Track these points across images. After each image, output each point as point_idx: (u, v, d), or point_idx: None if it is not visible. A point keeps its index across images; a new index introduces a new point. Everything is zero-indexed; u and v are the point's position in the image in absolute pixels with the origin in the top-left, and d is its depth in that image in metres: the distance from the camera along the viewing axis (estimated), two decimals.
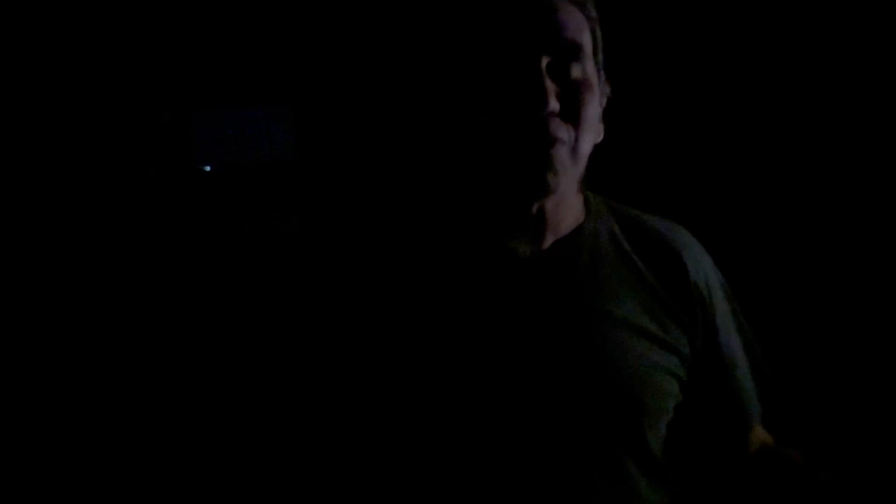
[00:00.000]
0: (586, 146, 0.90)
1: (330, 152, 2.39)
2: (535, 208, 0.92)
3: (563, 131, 0.86)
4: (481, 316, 0.91)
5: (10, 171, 2.33)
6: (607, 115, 0.97)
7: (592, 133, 0.91)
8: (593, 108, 0.90)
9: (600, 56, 0.95)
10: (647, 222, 1.02)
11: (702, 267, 1.00)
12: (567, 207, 0.96)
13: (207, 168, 2.50)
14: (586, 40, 0.90)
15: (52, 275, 2.32)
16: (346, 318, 0.97)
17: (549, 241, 0.95)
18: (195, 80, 2.44)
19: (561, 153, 0.87)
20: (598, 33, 0.94)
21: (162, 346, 2.30)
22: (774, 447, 1.05)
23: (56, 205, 2.37)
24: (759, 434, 1.06)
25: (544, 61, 0.85)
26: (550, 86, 0.84)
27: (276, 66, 2.41)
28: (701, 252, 1.02)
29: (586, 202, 1.01)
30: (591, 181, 1.00)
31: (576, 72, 0.88)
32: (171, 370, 2.27)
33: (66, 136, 2.37)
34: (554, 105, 0.85)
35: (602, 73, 0.95)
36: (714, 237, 1.04)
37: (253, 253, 2.47)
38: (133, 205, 2.43)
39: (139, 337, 2.31)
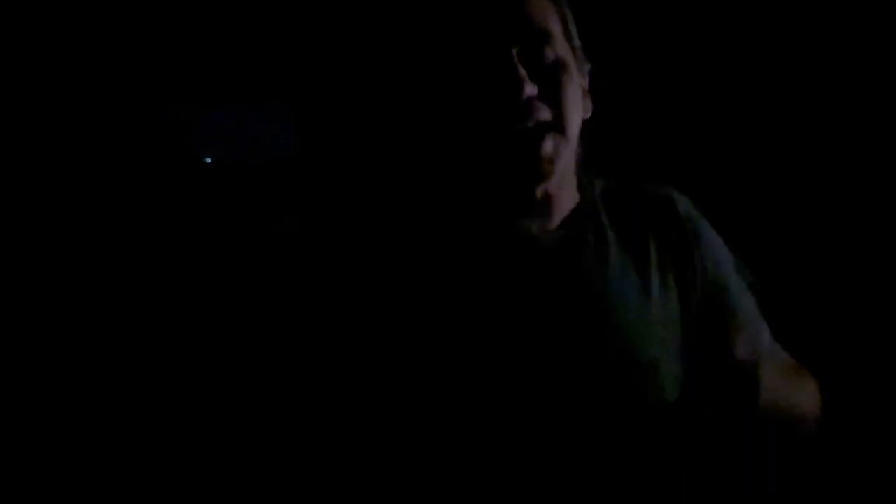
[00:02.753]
0: (573, 124, 0.93)
1: (330, 147, 2.40)
2: (539, 192, 0.94)
3: (545, 112, 0.88)
4: (495, 297, 0.92)
5: (14, 163, 2.34)
6: (599, 94, 1.00)
7: (577, 111, 0.93)
8: (572, 88, 0.92)
9: (575, 38, 0.97)
10: (637, 187, 1.06)
11: (689, 210, 1.04)
12: (567, 185, 0.99)
13: (208, 160, 2.51)
14: (554, 24, 0.93)
15: (51, 266, 2.32)
16: (352, 309, 0.97)
17: (556, 219, 0.97)
18: (196, 78, 2.45)
19: (549, 135, 0.89)
20: (569, 14, 0.96)
21: (158, 343, 2.30)
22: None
23: (58, 196, 2.37)
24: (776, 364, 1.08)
25: (514, 50, 0.88)
26: (523, 72, 0.87)
27: (277, 64, 2.42)
28: (692, 207, 1.05)
29: (578, 179, 1.03)
30: (591, 163, 1.03)
31: (549, 55, 0.90)
32: (167, 367, 2.27)
33: (69, 130, 2.38)
34: (530, 90, 0.87)
35: (578, 51, 0.97)
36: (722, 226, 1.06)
37: (253, 251, 2.47)
38: (134, 198, 2.44)
39: (135, 331, 2.31)
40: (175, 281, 2.42)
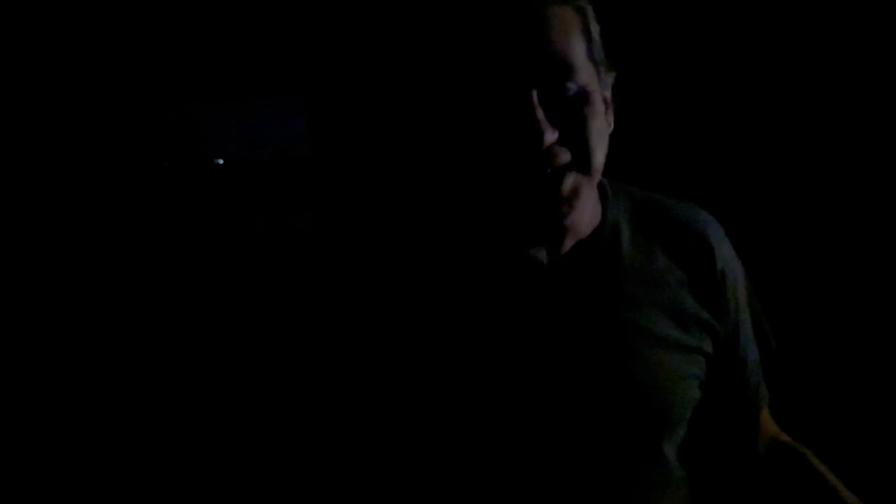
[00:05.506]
0: (597, 159, 0.86)
1: (343, 147, 2.39)
2: (553, 222, 0.88)
3: (566, 156, 0.83)
4: (500, 324, 0.88)
5: (29, 165, 2.34)
6: (620, 102, 0.93)
7: (600, 143, 0.86)
8: (596, 121, 0.85)
9: (598, 48, 0.88)
10: (668, 208, 0.97)
11: (726, 254, 0.97)
12: (584, 209, 0.91)
13: (220, 161, 2.51)
14: (578, 49, 0.84)
15: (66, 265, 2.32)
16: (356, 322, 0.95)
17: (568, 245, 0.92)
18: (208, 75, 2.45)
19: (570, 180, 0.84)
20: (592, 21, 0.88)
21: (163, 342, 2.29)
22: (781, 436, 1.05)
23: (73, 197, 2.37)
24: (767, 420, 1.05)
25: (535, 91, 0.81)
26: (542, 116, 0.81)
27: (288, 60, 2.42)
28: (723, 236, 0.98)
29: (602, 192, 0.96)
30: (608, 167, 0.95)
31: (571, 88, 0.83)
32: (176, 367, 2.26)
33: (82, 132, 2.38)
34: (550, 136, 0.81)
35: (602, 67, 0.89)
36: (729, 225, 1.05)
37: (264, 248, 2.46)
38: (147, 197, 2.44)
39: (142, 329, 2.30)
40: (186, 275, 2.42)
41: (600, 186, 0.96)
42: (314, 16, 2.34)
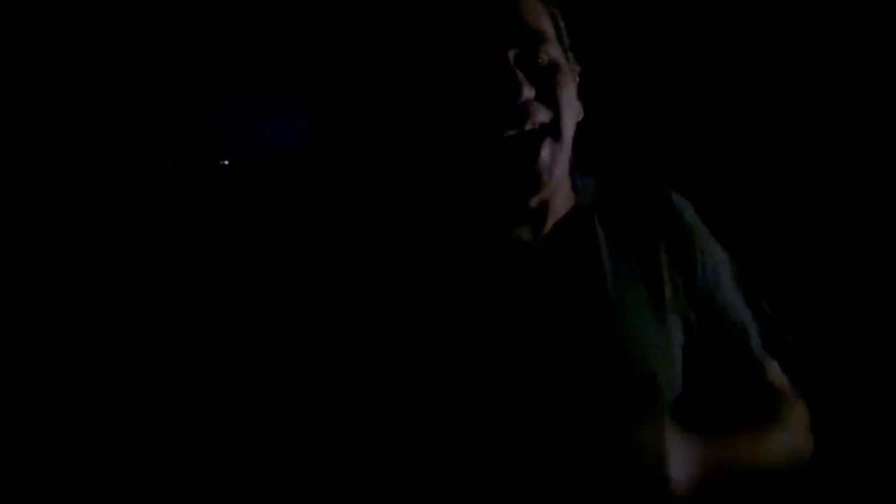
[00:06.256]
0: (569, 126, 0.92)
1: (341, 145, 2.41)
2: (535, 202, 0.93)
3: (543, 115, 0.88)
4: (492, 304, 0.92)
5: (32, 166, 2.37)
6: (589, 96, 0.99)
7: (572, 112, 0.93)
8: (568, 89, 0.92)
9: (565, 39, 0.97)
10: (635, 189, 1.04)
11: (692, 215, 1.04)
12: (561, 189, 0.98)
13: (226, 162, 2.53)
14: (547, 26, 0.93)
15: (70, 265, 2.34)
16: (355, 318, 0.97)
17: (549, 226, 0.97)
18: (208, 75, 2.47)
19: (547, 144, 0.89)
20: (560, 17, 0.96)
21: (167, 342, 2.30)
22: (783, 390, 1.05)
23: (78, 199, 2.39)
24: (775, 378, 1.05)
25: (511, 53, 0.88)
26: (521, 75, 0.87)
27: (288, 59, 2.43)
28: (692, 209, 1.04)
29: (573, 182, 1.02)
30: (582, 163, 1.02)
31: (543, 57, 0.90)
32: (178, 365, 2.28)
33: (86, 134, 2.40)
34: (528, 92, 0.87)
35: (569, 54, 0.96)
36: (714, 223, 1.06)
37: (266, 247, 2.48)
38: (151, 198, 2.45)
39: (146, 329, 2.31)
40: (189, 275, 2.44)
41: (570, 175, 1.01)
42: (311, 14, 2.35)
